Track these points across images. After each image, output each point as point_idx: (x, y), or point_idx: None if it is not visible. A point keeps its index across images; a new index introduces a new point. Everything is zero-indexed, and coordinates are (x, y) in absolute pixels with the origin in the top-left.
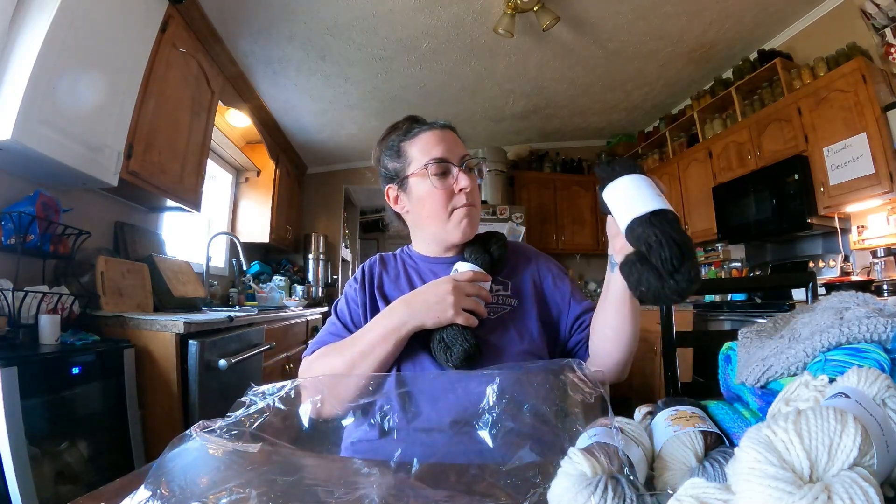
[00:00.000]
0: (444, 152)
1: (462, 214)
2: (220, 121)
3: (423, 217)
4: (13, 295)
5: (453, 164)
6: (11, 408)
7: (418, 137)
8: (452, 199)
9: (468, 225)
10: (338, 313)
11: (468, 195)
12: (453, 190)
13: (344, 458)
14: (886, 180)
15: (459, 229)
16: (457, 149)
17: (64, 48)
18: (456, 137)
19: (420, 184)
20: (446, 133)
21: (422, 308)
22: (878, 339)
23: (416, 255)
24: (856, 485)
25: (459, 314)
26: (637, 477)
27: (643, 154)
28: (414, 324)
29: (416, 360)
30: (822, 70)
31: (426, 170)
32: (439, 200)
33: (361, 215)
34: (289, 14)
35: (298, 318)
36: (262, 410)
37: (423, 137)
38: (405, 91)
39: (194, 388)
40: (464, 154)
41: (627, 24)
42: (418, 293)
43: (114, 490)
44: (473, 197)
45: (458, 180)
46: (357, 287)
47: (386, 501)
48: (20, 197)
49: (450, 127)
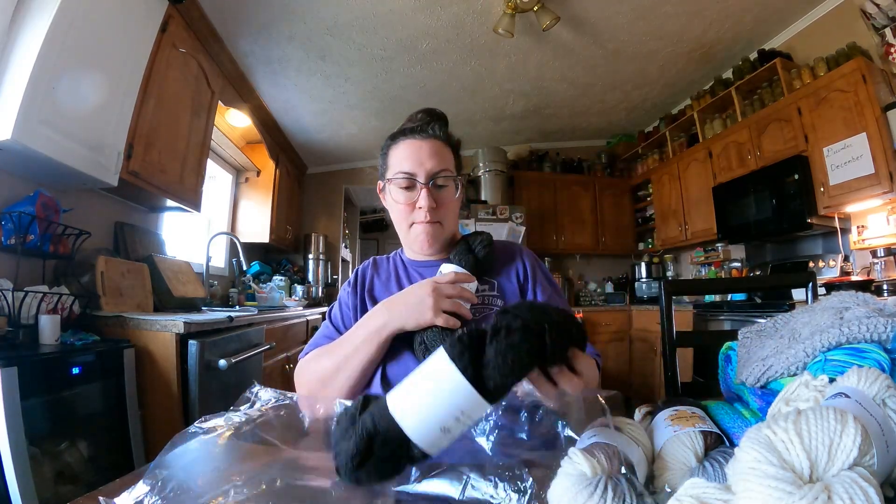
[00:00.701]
0: (412, 167)
1: (418, 231)
2: (220, 121)
3: (395, 222)
4: (13, 295)
5: (418, 180)
6: (11, 408)
7: (399, 145)
8: (413, 214)
9: (424, 241)
10: (331, 317)
11: (430, 212)
12: (415, 206)
13: None
14: (886, 180)
15: (417, 244)
16: (429, 163)
17: (64, 48)
18: (436, 150)
19: (390, 191)
20: (425, 144)
21: (402, 310)
22: (878, 339)
23: (405, 258)
24: (856, 485)
25: (439, 316)
26: (637, 477)
27: (643, 154)
28: (394, 326)
29: (401, 361)
30: (822, 70)
31: (393, 181)
32: (400, 213)
33: (361, 215)
34: (289, 14)
35: (298, 318)
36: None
37: (402, 146)
38: (405, 91)
39: (194, 388)
40: (438, 170)
41: (627, 24)
42: (399, 296)
43: (114, 490)
44: (437, 215)
45: (419, 197)
46: (349, 291)
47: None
48: (20, 197)
49: (438, 137)
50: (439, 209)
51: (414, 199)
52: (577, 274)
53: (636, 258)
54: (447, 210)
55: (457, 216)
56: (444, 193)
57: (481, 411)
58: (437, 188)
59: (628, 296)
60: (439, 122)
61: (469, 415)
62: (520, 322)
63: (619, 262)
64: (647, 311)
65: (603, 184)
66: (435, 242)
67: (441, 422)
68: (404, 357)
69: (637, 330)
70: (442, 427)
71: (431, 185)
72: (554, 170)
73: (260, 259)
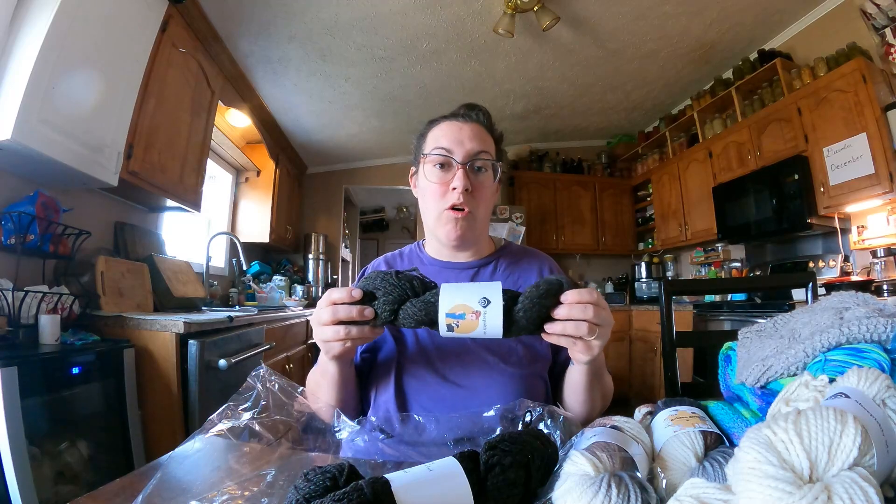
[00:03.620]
0: (450, 143)
1: (448, 218)
2: (220, 121)
3: (423, 208)
4: (13, 295)
5: (455, 158)
6: (11, 408)
7: (439, 125)
8: (445, 197)
9: (452, 230)
10: None
11: (464, 195)
12: (449, 186)
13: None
14: (886, 180)
15: (444, 232)
16: (469, 143)
17: (64, 48)
18: (478, 133)
19: (424, 172)
20: (467, 126)
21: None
22: (878, 339)
23: (427, 256)
24: (856, 485)
25: (330, 353)
26: (641, 473)
27: (643, 154)
28: (324, 359)
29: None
30: (822, 70)
31: (427, 157)
32: (432, 194)
33: (361, 215)
34: (289, 14)
35: (298, 318)
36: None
37: (443, 125)
38: (405, 91)
39: (194, 388)
40: (478, 150)
41: (627, 24)
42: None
43: (114, 490)
44: (471, 202)
45: (455, 177)
46: None
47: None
48: (20, 197)
49: (480, 122)
50: (475, 195)
51: (448, 179)
52: (578, 274)
53: (636, 258)
54: (482, 198)
55: (489, 211)
56: (482, 178)
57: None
58: (476, 172)
59: (628, 296)
60: (483, 112)
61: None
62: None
63: (619, 262)
64: (647, 311)
65: (603, 184)
66: (465, 233)
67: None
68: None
69: (637, 330)
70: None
71: (469, 168)
72: (554, 170)
73: (260, 259)
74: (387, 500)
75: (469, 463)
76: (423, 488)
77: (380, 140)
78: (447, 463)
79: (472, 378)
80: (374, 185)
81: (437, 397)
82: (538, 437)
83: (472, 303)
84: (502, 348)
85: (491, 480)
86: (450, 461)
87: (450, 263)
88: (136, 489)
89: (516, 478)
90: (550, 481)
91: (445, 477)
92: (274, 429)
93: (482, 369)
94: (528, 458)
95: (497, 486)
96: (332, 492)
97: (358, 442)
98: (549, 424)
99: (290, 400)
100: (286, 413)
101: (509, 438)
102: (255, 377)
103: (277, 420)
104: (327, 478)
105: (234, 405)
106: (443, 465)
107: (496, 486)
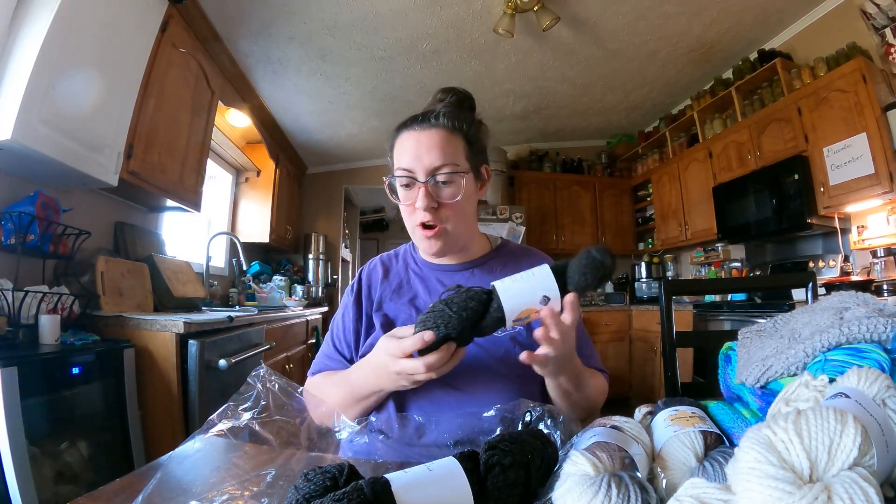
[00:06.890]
0: (409, 162)
1: (421, 235)
2: (220, 121)
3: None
4: (13, 295)
5: (415, 178)
6: (11, 408)
7: (401, 137)
8: (414, 214)
9: (429, 248)
10: (333, 330)
11: (429, 213)
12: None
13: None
14: (886, 180)
15: (422, 248)
16: (427, 157)
17: (64, 48)
18: (436, 141)
19: (396, 188)
20: (424, 136)
21: (388, 383)
22: (878, 339)
23: (419, 258)
24: (856, 485)
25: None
26: (641, 473)
27: (643, 154)
28: (386, 391)
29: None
30: (822, 70)
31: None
32: (405, 213)
33: (361, 215)
34: (289, 14)
35: (298, 318)
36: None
37: (403, 138)
38: (405, 91)
39: (194, 388)
40: (437, 165)
41: (627, 24)
42: (377, 368)
43: (114, 490)
44: (439, 216)
45: (417, 197)
46: (352, 300)
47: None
48: (20, 197)
49: (442, 125)
50: (442, 210)
51: (414, 198)
52: None
53: (636, 258)
54: (452, 211)
55: (469, 216)
56: (447, 191)
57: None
58: (440, 185)
59: (628, 296)
60: (450, 105)
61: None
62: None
63: (619, 262)
64: (647, 311)
65: (603, 184)
66: (441, 248)
67: None
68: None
69: (637, 330)
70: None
71: (432, 183)
72: (554, 170)
73: (260, 259)
74: (387, 500)
75: (469, 463)
76: (423, 488)
77: (380, 140)
78: (447, 463)
79: (472, 381)
80: (374, 185)
81: (436, 400)
82: (538, 437)
83: (533, 304)
84: (500, 351)
85: (491, 480)
86: (450, 461)
87: (442, 266)
88: (136, 489)
89: (516, 478)
90: (550, 481)
91: (445, 477)
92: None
93: (482, 372)
94: (528, 458)
95: (497, 486)
96: (332, 492)
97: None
98: (548, 424)
99: (289, 400)
100: (286, 413)
101: (509, 438)
102: (255, 377)
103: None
104: (327, 478)
105: (234, 405)
106: (443, 465)
107: (496, 485)
